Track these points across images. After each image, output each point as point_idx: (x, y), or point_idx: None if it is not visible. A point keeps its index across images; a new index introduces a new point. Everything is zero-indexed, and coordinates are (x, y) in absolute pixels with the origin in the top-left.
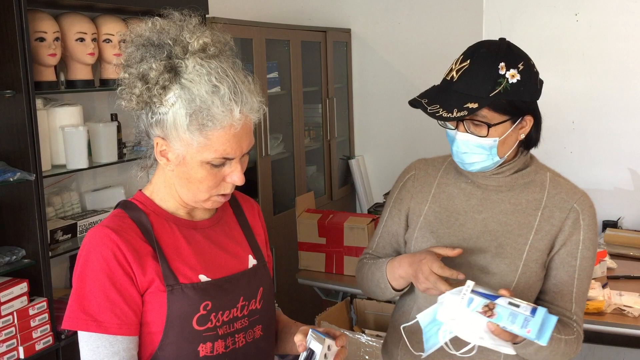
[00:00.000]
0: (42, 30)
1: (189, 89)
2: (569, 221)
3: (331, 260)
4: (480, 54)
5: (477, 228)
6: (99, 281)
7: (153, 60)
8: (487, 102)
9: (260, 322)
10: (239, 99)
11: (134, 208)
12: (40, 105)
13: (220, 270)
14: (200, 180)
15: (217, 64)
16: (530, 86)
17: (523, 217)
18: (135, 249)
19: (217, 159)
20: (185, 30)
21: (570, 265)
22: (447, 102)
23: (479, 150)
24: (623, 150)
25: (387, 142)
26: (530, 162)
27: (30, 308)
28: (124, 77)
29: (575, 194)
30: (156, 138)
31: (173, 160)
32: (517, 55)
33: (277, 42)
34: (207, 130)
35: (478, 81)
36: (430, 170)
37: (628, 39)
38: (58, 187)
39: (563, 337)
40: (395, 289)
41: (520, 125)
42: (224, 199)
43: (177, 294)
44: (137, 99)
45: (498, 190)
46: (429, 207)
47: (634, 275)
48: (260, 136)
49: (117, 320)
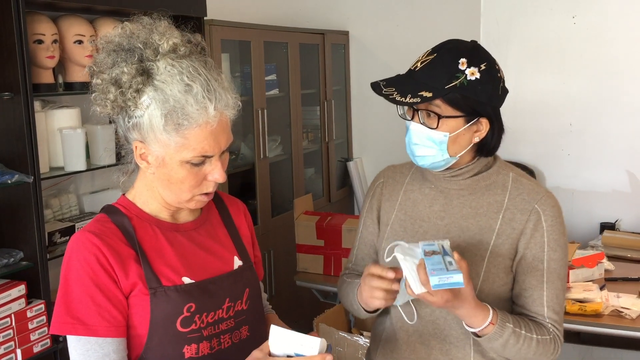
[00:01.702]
0: (40, 33)
1: (162, 90)
2: (530, 224)
3: (329, 262)
4: (446, 48)
5: (439, 235)
6: (84, 285)
7: (125, 65)
8: (441, 94)
9: (246, 322)
10: (212, 96)
11: (117, 212)
12: (39, 108)
13: (204, 272)
14: (181, 181)
15: (188, 63)
16: (489, 88)
17: (484, 221)
18: (117, 253)
19: (196, 157)
20: (155, 33)
21: (537, 270)
22: (404, 88)
23: (429, 143)
24: (620, 152)
25: (385, 145)
26: (493, 163)
27: (28, 310)
28: (97, 83)
29: (537, 194)
30: (135, 142)
31: (153, 163)
32: (482, 56)
33: (275, 44)
34: (183, 129)
35: (437, 73)
36: (398, 177)
37: (625, 41)
38: (56, 189)
39: (535, 336)
40: (368, 311)
41: (475, 128)
42: (207, 198)
43: (160, 297)
44: (111, 104)
45: (460, 195)
46: (395, 215)
47: (631, 277)
48: (259, 138)
49: (105, 322)
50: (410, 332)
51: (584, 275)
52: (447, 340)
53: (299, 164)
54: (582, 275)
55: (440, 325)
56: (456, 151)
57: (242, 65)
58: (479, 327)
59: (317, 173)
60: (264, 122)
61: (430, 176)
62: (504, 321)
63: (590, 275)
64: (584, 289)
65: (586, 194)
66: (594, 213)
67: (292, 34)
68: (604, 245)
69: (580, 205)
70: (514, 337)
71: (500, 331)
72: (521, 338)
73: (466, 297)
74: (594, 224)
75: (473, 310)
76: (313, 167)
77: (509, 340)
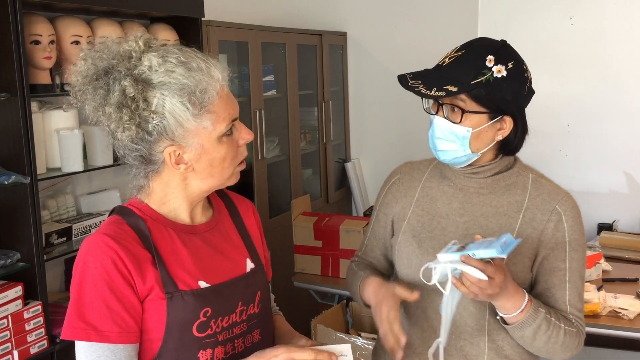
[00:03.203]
0: (37, 33)
1: (167, 83)
2: (551, 224)
3: (327, 263)
4: (475, 45)
5: (458, 232)
6: (99, 290)
7: (116, 84)
8: (467, 89)
9: (258, 326)
10: (210, 63)
11: (131, 214)
12: (36, 108)
13: (219, 276)
14: (223, 158)
15: (171, 49)
16: (515, 87)
17: (504, 220)
18: (134, 256)
19: (228, 125)
20: (122, 43)
21: (560, 270)
22: (430, 81)
23: (451, 137)
24: (618, 153)
25: (383, 146)
26: (514, 164)
27: (25, 311)
28: (110, 115)
29: (557, 194)
30: (166, 150)
31: (192, 159)
32: (510, 55)
33: (273, 45)
34: (208, 104)
35: (464, 68)
36: (415, 174)
37: (623, 42)
38: (53, 190)
39: (563, 325)
40: (368, 306)
41: (499, 125)
42: (243, 166)
43: (177, 301)
44: (131, 123)
45: (479, 193)
46: (412, 211)
47: (629, 278)
48: (257, 139)
49: (118, 328)
50: (425, 327)
51: None
52: (462, 337)
53: (296, 165)
54: None
55: (455, 321)
56: (478, 147)
57: (240, 66)
58: (516, 310)
59: (314, 174)
60: (262, 123)
61: (450, 173)
62: (537, 305)
63: (587, 275)
64: None
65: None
66: (591, 214)
67: (290, 34)
68: (602, 246)
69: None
70: (545, 323)
71: (534, 315)
72: (551, 325)
73: (510, 280)
74: (592, 224)
75: (514, 291)
76: (311, 168)
77: (541, 326)
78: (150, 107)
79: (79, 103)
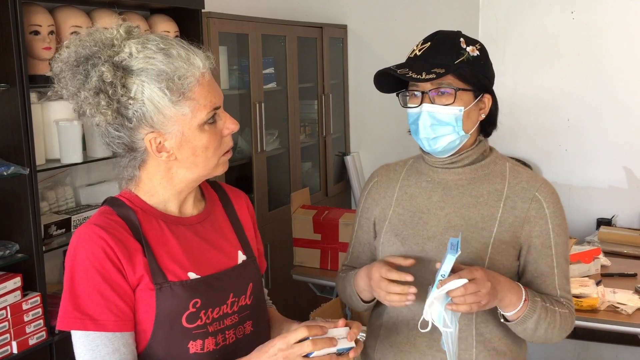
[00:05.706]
0: (36, 24)
1: (146, 70)
2: (532, 211)
3: (326, 256)
4: (440, 35)
5: (440, 224)
6: (91, 278)
7: (95, 70)
8: (454, 69)
9: (250, 317)
10: (191, 50)
11: (122, 205)
12: (35, 99)
13: (210, 267)
14: (206, 147)
15: (151, 36)
16: (488, 64)
17: (486, 210)
18: (124, 246)
19: (209, 113)
20: (105, 32)
21: (547, 256)
22: (416, 68)
23: (446, 119)
24: (617, 148)
25: (383, 139)
26: (489, 153)
27: (24, 303)
28: (86, 98)
29: (535, 182)
30: (146, 137)
31: (173, 146)
32: (474, 38)
33: (273, 37)
34: (187, 91)
35: (442, 52)
36: (392, 175)
37: (624, 37)
38: (52, 181)
39: (557, 309)
40: (365, 301)
41: (481, 105)
42: (229, 155)
43: (166, 292)
44: (108, 109)
45: (458, 184)
46: (393, 210)
47: (627, 273)
48: (256, 132)
49: (114, 316)
50: (411, 325)
51: (580, 270)
52: None
53: (296, 158)
54: (579, 271)
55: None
56: (468, 127)
57: (240, 59)
58: (517, 306)
59: (314, 167)
60: (262, 116)
61: (427, 169)
62: (534, 295)
63: (586, 270)
64: (580, 284)
65: (583, 189)
66: (590, 209)
67: (290, 27)
68: (601, 241)
69: (577, 201)
70: (544, 311)
71: (533, 306)
72: (549, 312)
73: (498, 275)
74: (591, 219)
75: (509, 287)
76: (310, 161)
77: (541, 315)
78: (129, 93)
79: (61, 90)
